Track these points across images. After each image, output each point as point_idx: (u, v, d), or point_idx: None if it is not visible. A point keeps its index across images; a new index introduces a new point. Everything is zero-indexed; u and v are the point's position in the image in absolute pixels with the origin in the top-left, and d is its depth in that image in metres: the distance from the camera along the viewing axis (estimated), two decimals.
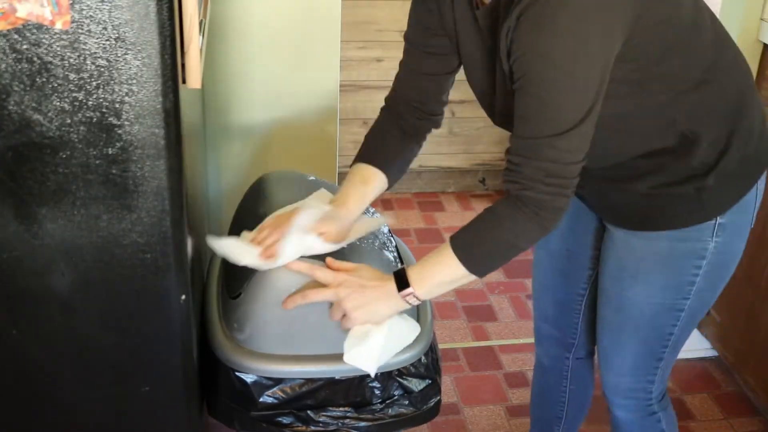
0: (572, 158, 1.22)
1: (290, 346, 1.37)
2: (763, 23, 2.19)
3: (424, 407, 1.43)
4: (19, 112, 1.12)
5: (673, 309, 1.44)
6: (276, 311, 1.34)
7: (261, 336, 1.37)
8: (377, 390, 1.40)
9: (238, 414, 1.39)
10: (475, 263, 1.30)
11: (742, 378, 2.36)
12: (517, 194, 1.25)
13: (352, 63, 3.25)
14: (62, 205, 1.19)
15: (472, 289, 2.86)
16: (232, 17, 1.86)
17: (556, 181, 1.22)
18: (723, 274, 1.46)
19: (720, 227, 1.38)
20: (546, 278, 1.71)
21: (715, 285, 1.46)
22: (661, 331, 1.47)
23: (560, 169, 1.22)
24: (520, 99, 1.21)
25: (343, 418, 1.39)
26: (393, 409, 1.40)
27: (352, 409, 1.39)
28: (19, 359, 1.29)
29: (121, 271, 1.24)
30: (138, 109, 1.14)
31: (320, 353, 1.37)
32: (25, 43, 1.08)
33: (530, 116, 1.21)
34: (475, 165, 3.53)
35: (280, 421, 1.38)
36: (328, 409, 1.38)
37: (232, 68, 1.91)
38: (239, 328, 1.38)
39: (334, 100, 1.99)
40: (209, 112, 1.94)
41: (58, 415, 1.36)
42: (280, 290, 1.34)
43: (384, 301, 1.32)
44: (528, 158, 1.22)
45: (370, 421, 1.39)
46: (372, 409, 1.40)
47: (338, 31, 1.93)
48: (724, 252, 1.41)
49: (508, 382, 2.42)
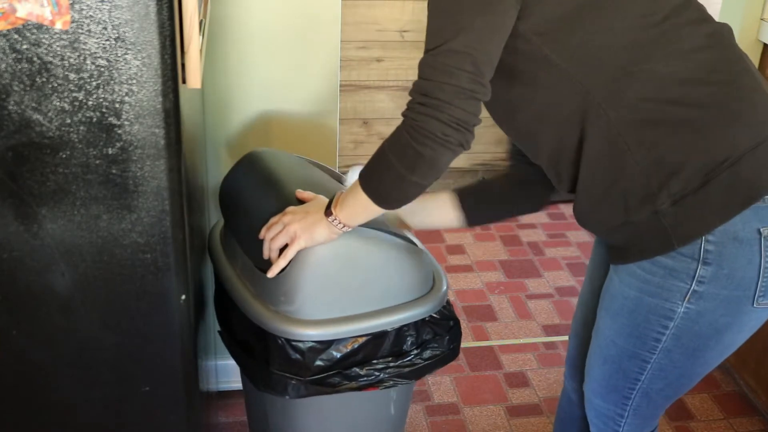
0: (445, 78, 1.20)
1: (337, 309, 1.46)
2: (763, 23, 2.19)
3: (451, 346, 1.58)
4: (19, 112, 1.12)
5: (636, 357, 1.38)
6: (323, 279, 1.44)
7: (312, 304, 1.44)
8: (411, 337, 1.52)
9: (291, 382, 1.46)
10: (375, 193, 1.31)
11: (742, 378, 2.36)
12: (402, 115, 1.25)
13: (352, 63, 3.25)
14: (62, 205, 1.19)
15: (472, 289, 2.86)
16: (232, 17, 1.86)
17: (428, 101, 1.21)
18: (700, 345, 1.34)
19: (694, 294, 1.28)
20: (579, 314, 1.66)
21: (693, 353, 1.35)
22: (626, 373, 1.41)
23: (433, 88, 1.20)
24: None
25: (386, 369, 1.50)
26: (427, 353, 1.54)
27: (392, 358, 1.50)
28: (19, 359, 1.29)
29: (121, 271, 1.24)
30: (138, 109, 1.14)
31: (364, 311, 1.48)
32: (25, 43, 1.08)
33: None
34: (475, 165, 3.53)
35: (331, 381, 1.47)
36: (371, 362, 1.49)
37: (232, 68, 1.91)
38: (288, 300, 1.44)
39: (334, 100, 1.99)
40: (209, 112, 1.94)
41: (58, 415, 1.36)
42: (326, 258, 1.43)
43: (321, 226, 1.39)
44: (416, 78, 1.24)
45: (409, 366, 1.52)
46: (409, 355, 1.52)
47: (338, 31, 1.92)
48: (699, 322, 1.31)
49: (508, 382, 2.42)
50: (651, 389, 1.41)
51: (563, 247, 3.14)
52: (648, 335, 1.35)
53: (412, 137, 1.22)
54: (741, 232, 1.25)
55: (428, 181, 1.27)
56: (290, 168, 1.64)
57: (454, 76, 1.20)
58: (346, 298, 1.47)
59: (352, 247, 1.44)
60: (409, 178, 1.25)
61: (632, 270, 1.34)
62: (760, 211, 1.25)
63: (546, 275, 2.96)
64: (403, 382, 1.51)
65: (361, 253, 1.46)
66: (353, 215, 1.36)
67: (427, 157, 1.23)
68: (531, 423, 2.26)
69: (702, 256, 1.26)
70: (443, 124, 1.21)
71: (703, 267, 1.27)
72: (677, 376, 1.40)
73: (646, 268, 1.32)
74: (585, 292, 1.62)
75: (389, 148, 1.27)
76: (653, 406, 1.45)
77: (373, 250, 1.47)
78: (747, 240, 1.25)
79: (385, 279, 1.49)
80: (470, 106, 1.21)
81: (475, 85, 1.21)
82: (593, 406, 1.50)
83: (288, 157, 1.71)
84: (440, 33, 1.21)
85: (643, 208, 1.27)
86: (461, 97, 1.20)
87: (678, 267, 1.28)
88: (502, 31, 1.23)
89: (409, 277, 1.51)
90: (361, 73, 3.28)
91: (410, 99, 1.24)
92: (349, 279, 1.46)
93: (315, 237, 1.39)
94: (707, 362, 1.39)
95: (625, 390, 1.43)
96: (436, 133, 1.21)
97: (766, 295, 1.30)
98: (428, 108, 1.21)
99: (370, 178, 1.31)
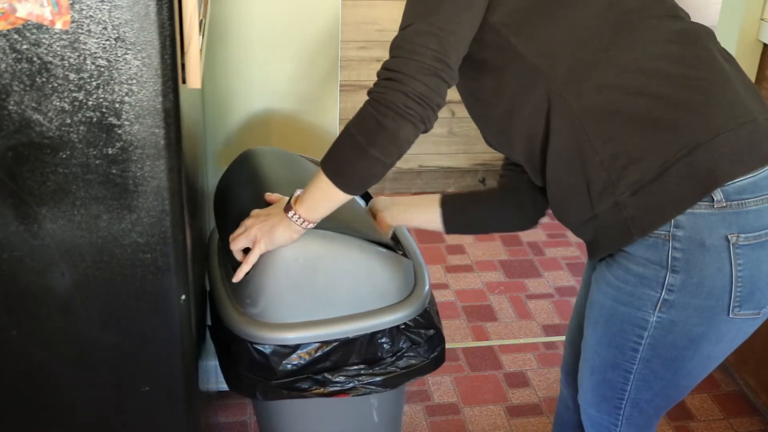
0: (409, 55, 1.22)
1: (302, 313, 1.44)
2: (763, 23, 2.19)
3: (431, 356, 1.52)
4: (19, 112, 1.12)
5: (619, 368, 1.37)
6: (286, 283, 1.42)
7: (274, 308, 1.43)
8: (386, 345, 1.48)
9: (259, 384, 1.45)
10: (335, 173, 1.28)
11: (742, 378, 2.36)
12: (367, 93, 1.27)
13: (352, 63, 3.25)
14: (62, 205, 1.19)
15: (472, 289, 2.86)
16: (232, 17, 1.86)
17: (392, 75, 1.23)
18: (677, 356, 1.32)
19: (665, 303, 1.27)
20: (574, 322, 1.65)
21: (672, 364, 1.33)
22: (612, 384, 1.39)
23: (398, 63, 1.23)
24: None
25: (357, 376, 1.46)
26: (403, 361, 1.49)
27: (365, 366, 1.47)
28: (19, 359, 1.29)
29: (121, 271, 1.24)
30: (138, 109, 1.14)
31: (331, 316, 1.45)
32: (25, 43, 1.08)
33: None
34: (475, 165, 3.53)
35: (300, 386, 1.45)
36: (342, 369, 1.46)
37: (232, 68, 1.91)
38: (252, 303, 1.44)
39: (334, 100, 1.99)
40: (209, 112, 1.94)
41: (58, 415, 1.36)
42: (288, 262, 1.41)
43: (281, 227, 1.37)
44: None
45: (383, 375, 1.48)
46: (383, 363, 1.48)
47: (338, 31, 1.92)
48: (673, 332, 1.29)
49: (508, 382, 2.42)
50: (639, 399, 1.40)
51: (563, 247, 3.14)
52: (626, 345, 1.34)
53: (375, 108, 1.24)
54: (708, 239, 1.23)
55: (389, 158, 1.25)
56: (282, 167, 1.63)
57: (417, 53, 1.22)
58: (311, 303, 1.44)
59: (315, 251, 1.42)
60: (368, 151, 1.24)
61: (607, 278, 1.34)
62: (727, 218, 1.22)
63: (546, 275, 2.96)
64: (376, 390, 1.48)
65: (326, 257, 1.43)
66: (313, 207, 1.34)
67: (388, 129, 1.23)
68: (531, 423, 2.26)
69: (670, 264, 1.25)
70: (405, 95, 1.22)
71: (671, 275, 1.25)
72: (662, 386, 1.38)
73: (619, 276, 1.31)
74: (579, 299, 1.61)
75: (352, 123, 1.28)
76: (645, 416, 1.44)
77: (340, 253, 1.44)
78: (714, 247, 1.23)
79: (353, 284, 1.46)
80: (433, 82, 1.22)
81: (438, 63, 1.22)
82: (588, 416, 1.49)
83: (284, 155, 1.70)
84: (410, 14, 1.24)
85: (604, 200, 1.26)
86: (424, 72, 1.22)
87: (648, 274, 1.27)
88: (471, 15, 1.24)
89: (380, 282, 1.47)
90: (361, 73, 3.28)
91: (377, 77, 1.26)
92: (313, 283, 1.44)
93: (275, 239, 1.38)
94: (689, 374, 1.36)
95: (614, 400, 1.41)
96: (398, 104, 1.22)
97: (743, 306, 1.27)
98: (392, 81, 1.23)
99: (330, 157, 1.30)
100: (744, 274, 1.24)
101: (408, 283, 1.52)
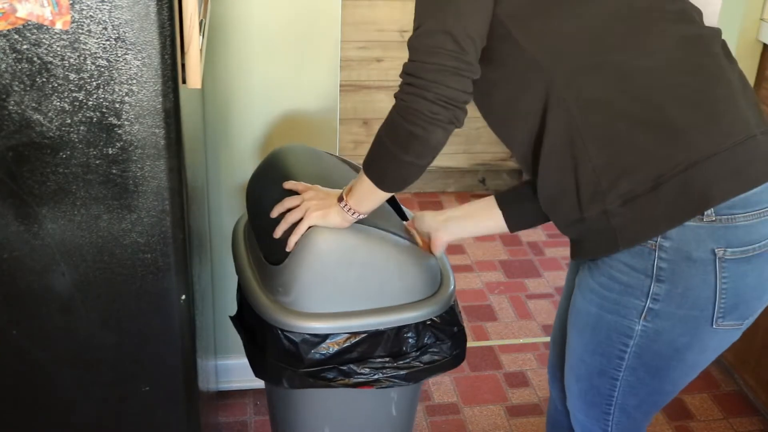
0: (427, 57, 1.22)
1: (332, 304, 1.47)
2: (763, 23, 2.20)
3: (454, 353, 1.55)
4: (19, 112, 1.12)
5: (605, 375, 1.37)
6: (320, 273, 1.45)
7: (306, 297, 1.45)
8: (411, 339, 1.50)
9: (286, 372, 1.47)
10: (375, 176, 1.33)
11: (742, 378, 2.36)
12: (394, 97, 1.28)
13: (352, 63, 3.25)
14: (62, 205, 1.19)
15: (472, 289, 2.86)
16: (232, 17, 1.86)
17: (414, 81, 1.23)
18: (662, 365, 1.33)
19: (650, 312, 1.27)
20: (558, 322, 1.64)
21: (657, 372, 1.34)
22: (599, 390, 1.39)
23: (417, 68, 1.23)
24: None
25: (382, 368, 1.49)
26: (426, 357, 1.52)
27: (390, 359, 1.50)
28: (19, 359, 1.29)
29: (121, 271, 1.24)
30: (138, 109, 1.14)
31: (360, 309, 1.48)
32: (25, 43, 1.08)
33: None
34: (475, 165, 3.53)
35: (326, 375, 1.47)
36: (368, 361, 1.49)
37: (232, 68, 1.91)
38: (285, 291, 1.46)
39: (334, 100, 1.99)
40: (209, 112, 1.94)
41: (58, 415, 1.36)
42: (324, 254, 1.44)
43: (336, 210, 1.41)
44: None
45: (407, 368, 1.51)
46: (408, 357, 1.51)
47: (338, 31, 1.92)
48: (658, 341, 1.29)
49: (508, 382, 2.42)
50: (627, 405, 1.40)
51: (563, 247, 3.14)
52: (612, 353, 1.34)
53: (403, 117, 1.25)
54: (695, 252, 1.22)
55: (424, 160, 1.29)
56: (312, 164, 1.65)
57: (435, 55, 1.22)
58: (343, 294, 1.47)
59: (351, 243, 1.45)
60: (403, 158, 1.28)
61: (590, 284, 1.33)
62: (716, 232, 1.21)
63: (546, 275, 2.96)
64: (399, 383, 1.51)
65: (360, 249, 1.46)
66: (360, 200, 1.39)
67: (418, 136, 1.25)
68: (531, 423, 2.26)
69: (655, 273, 1.25)
70: (430, 102, 1.23)
71: (656, 284, 1.25)
72: (648, 393, 1.38)
73: (603, 283, 1.31)
74: (563, 301, 1.61)
75: (383, 130, 1.30)
76: (633, 421, 1.44)
77: (374, 248, 1.47)
78: (701, 260, 1.23)
79: (384, 278, 1.49)
80: (455, 82, 1.23)
81: (457, 62, 1.22)
82: (578, 421, 1.50)
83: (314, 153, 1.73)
84: (421, 14, 1.24)
85: (593, 206, 1.25)
86: (445, 75, 1.22)
87: (633, 283, 1.27)
88: (483, 9, 1.24)
89: (409, 278, 1.51)
90: (361, 73, 3.28)
91: (401, 81, 1.27)
92: (347, 275, 1.47)
93: (328, 218, 1.42)
94: (675, 381, 1.37)
95: (602, 406, 1.42)
96: (424, 111, 1.23)
97: (727, 317, 1.27)
98: (415, 88, 1.23)
99: (369, 162, 1.34)
100: (729, 287, 1.24)
101: (435, 280, 1.56)
